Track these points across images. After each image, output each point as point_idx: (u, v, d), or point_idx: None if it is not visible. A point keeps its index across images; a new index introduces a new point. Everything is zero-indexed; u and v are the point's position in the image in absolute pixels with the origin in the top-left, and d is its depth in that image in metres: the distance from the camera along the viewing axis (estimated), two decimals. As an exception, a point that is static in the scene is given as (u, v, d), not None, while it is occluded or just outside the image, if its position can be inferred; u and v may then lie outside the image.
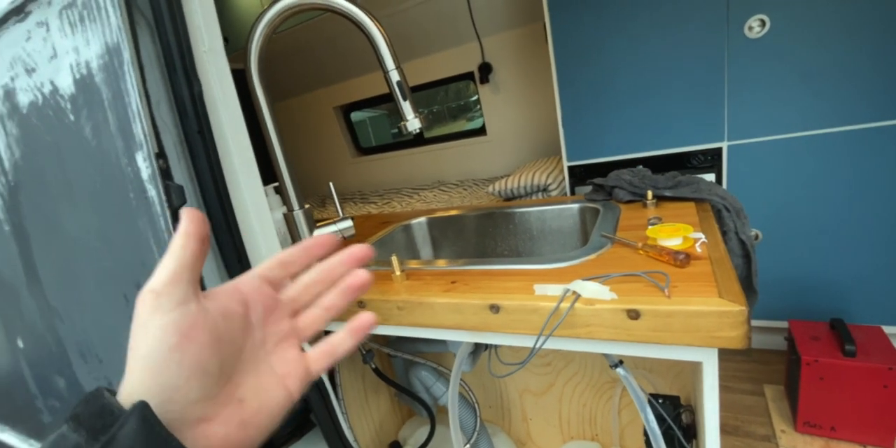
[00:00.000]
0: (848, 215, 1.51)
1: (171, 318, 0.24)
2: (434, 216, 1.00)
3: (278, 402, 0.28)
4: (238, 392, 0.26)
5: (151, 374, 0.23)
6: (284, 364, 0.29)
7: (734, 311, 0.44)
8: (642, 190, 0.80)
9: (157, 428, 0.22)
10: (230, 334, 0.27)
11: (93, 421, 0.22)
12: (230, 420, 0.25)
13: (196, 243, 0.26)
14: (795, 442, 1.44)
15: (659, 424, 0.67)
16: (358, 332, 0.32)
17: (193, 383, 0.24)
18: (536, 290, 0.55)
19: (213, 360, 0.25)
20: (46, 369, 0.69)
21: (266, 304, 0.29)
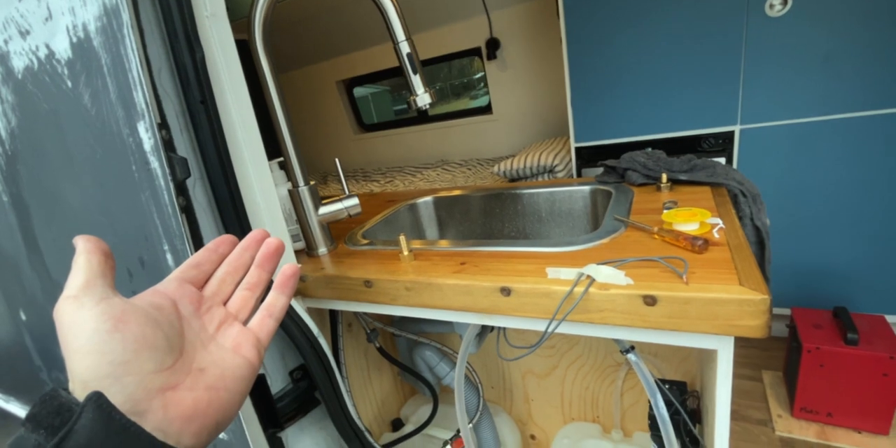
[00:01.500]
0: (857, 203, 1.49)
1: (99, 310, 0.25)
2: (440, 196, 0.98)
3: (239, 367, 0.31)
4: (195, 364, 0.29)
5: (97, 356, 0.24)
6: (231, 339, 0.33)
7: (756, 300, 0.43)
8: (656, 173, 0.78)
9: (114, 414, 0.22)
10: (165, 319, 0.29)
11: (51, 419, 0.22)
12: (195, 385, 0.28)
13: (98, 256, 0.28)
14: (791, 427, 1.46)
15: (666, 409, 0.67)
16: (285, 285, 0.37)
17: (143, 355, 0.26)
18: (549, 274, 0.54)
19: (157, 334, 0.27)
20: (49, 342, 0.68)
21: (191, 299, 0.33)
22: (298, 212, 0.72)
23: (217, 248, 0.36)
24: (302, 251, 0.76)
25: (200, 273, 0.35)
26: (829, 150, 1.44)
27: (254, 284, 0.36)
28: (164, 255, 0.48)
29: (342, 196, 0.75)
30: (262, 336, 0.34)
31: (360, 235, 0.80)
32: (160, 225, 0.47)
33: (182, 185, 0.47)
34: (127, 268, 0.52)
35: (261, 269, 0.37)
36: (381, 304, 0.64)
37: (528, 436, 1.10)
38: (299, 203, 0.71)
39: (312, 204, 0.72)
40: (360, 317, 0.86)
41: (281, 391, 0.69)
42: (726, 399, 0.51)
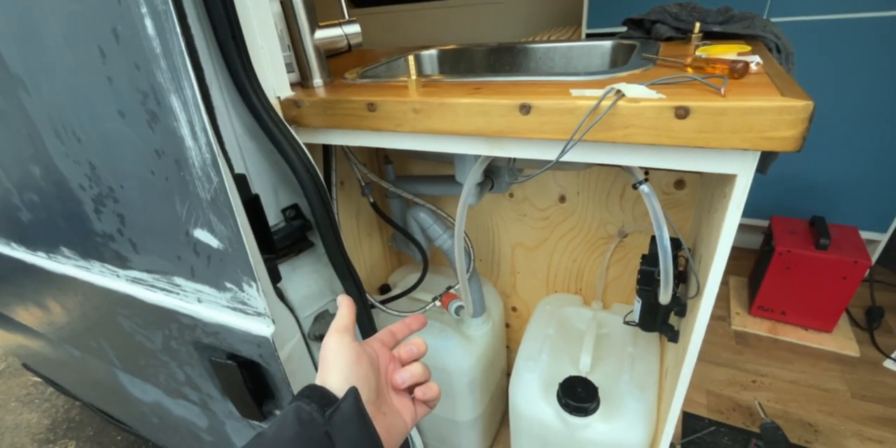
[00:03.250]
0: (854, 116, 1.47)
1: (351, 347, 0.40)
2: (447, 48, 0.89)
3: (401, 425, 0.41)
4: (383, 406, 0.40)
5: (342, 379, 0.37)
6: (399, 401, 0.43)
7: (798, 107, 0.40)
8: (688, 24, 0.71)
9: (362, 406, 0.35)
10: (376, 365, 0.42)
11: (318, 398, 0.35)
12: (381, 422, 0.38)
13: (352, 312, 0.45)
14: (746, 322, 1.58)
15: (653, 265, 0.68)
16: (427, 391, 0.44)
17: (364, 387, 0.37)
18: (573, 93, 0.49)
19: (372, 376, 0.40)
20: (18, 156, 0.63)
21: (385, 358, 0.45)
22: (292, 33, 0.64)
23: (410, 326, 0.49)
24: (296, 84, 0.69)
25: (394, 340, 0.48)
26: (849, 54, 1.37)
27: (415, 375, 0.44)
28: (143, 21, 0.41)
29: (341, 21, 0.66)
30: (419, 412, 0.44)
31: (359, 73, 0.73)
32: (135, -21, 0.39)
33: (159, -72, 0.38)
34: (98, 45, 0.45)
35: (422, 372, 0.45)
36: (385, 132, 0.60)
37: (510, 308, 1.15)
38: (293, 20, 0.63)
39: (308, 23, 0.63)
40: (356, 167, 0.82)
41: (273, 227, 0.67)
42: (731, 232, 0.51)
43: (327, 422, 0.33)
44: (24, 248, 0.79)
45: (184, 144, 0.47)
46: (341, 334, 0.40)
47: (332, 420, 0.33)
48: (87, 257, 0.70)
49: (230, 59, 0.52)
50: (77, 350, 0.98)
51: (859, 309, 1.60)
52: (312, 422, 0.33)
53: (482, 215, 1.02)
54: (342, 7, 0.66)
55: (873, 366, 1.40)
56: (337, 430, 0.33)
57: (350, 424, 0.33)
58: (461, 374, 0.94)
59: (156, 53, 0.42)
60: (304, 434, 0.32)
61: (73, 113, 0.52)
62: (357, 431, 0.33)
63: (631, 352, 0.87)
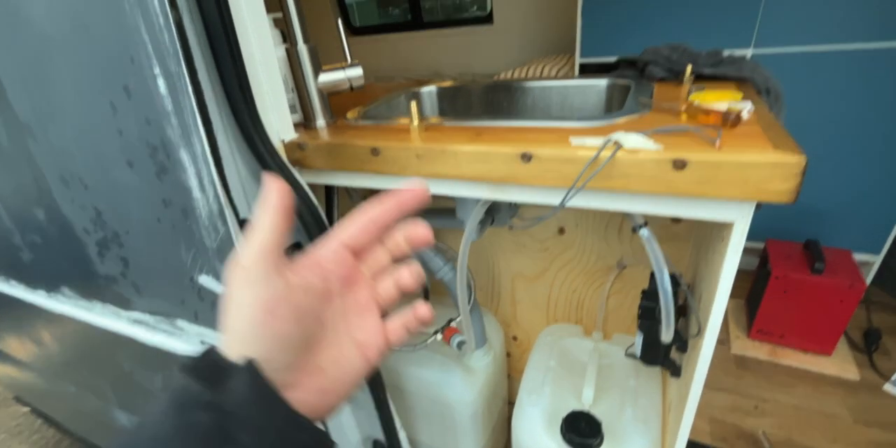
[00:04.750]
0: (845, 142, 1.50)
1: (259, 293, 0.25)
2: (445, 85, 0.91)
3: (356, 371, 0.29)
4: (319, 361, 0.28)
5: (242, 346, 0.25)
6: (364, 333, 0.30)
7: (791, 162, 0.41)
8: (680, 66, 0.74)
9: (264, 382, 0.25)
10: (312, 308, 0.27)
11: (208, 373, 0.24)
12: (310, 387, 0.27)
13: (283, 217, 0.26)
14: (746, 346, 1.57)
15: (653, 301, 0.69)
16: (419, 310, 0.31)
17: (278, 354, 0.26)
18: (573, 142, 0.51)
19: (296, 333, 0.26)
20: (22, 199, 0.63)
21: (345, 275, 0.29)
22: (296, 76, 0.66)
23: (401, 206, 0.29)
24: (299, 124, 0.71)
25: (367, 239, 0.30)
26: (834, 83, 1.41)
27: (413, 273, 0.30)
28: (155, 81, 0.42)
29: (344, 64, 0.68)
30: (392, 342, 0.31)
31: (361, 114, 0.75)
32: (149, 41, 0.41)
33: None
34: (110, 100, 0.46)
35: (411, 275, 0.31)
36: (388, 176, 0.61)
37: (511, 337, 1.14)
38: (297, 65, 0.65)
39: (312, 67, 0.65)
40: (358, 204, 0.83)
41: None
42: (730, 277, 0.52)
43: (215, 408, 0.24)
44: (24, 285, 0.79)
45: (191, 195, 0.47)
46: (250, 269, 0.26)
47: (220, 405, 0.24)
48: (89, 297, 0.69)
49: (237, 107, 0.53)
50: (73, 386, 0.97)
51: (857, 331, 1.60)
52: (196, 407, 0.24)
53: (482, 246, 1.03)
54: (345, 52, 0.67)
55: (874, 389, 1.40)
56: (230, 418, 0.24)
57: (249, 408, 0.24)
58: (464, 407, 0.93)
59: (167, 111, 0.43)
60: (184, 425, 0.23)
61: (81, 161, 0.53)
62: (259, 417, 0.24)
63: (633, 384, 0.87)
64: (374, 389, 0.74)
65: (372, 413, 0.78)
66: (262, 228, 0.26)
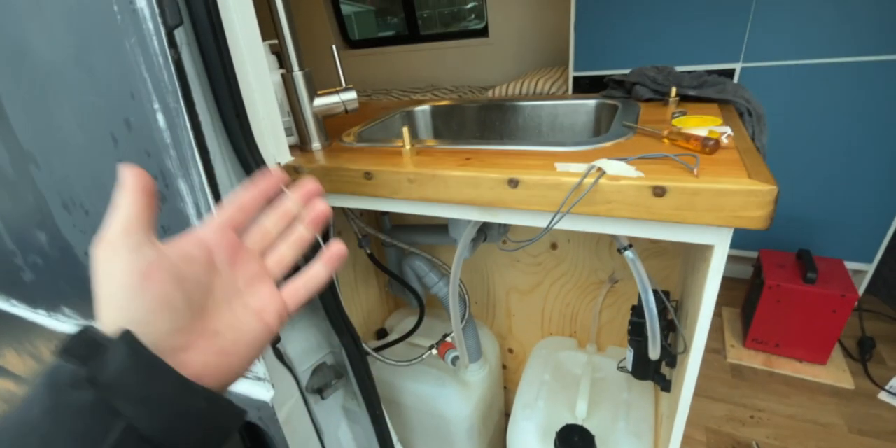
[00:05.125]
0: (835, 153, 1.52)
1: (129, 261, 0.25)
2: (439, 104, 0.93)
3: (256, 334, 0.30)
4: (212, 325, 0.28)
5: (119, 312, 0.25)
6: (258, 300, 0.31)
7: (763, 191, 0.43)
8: (665, 87, 0.76)
9: (142, 350, 0.24)
10: (194, 275, 0.28)
11: (83, 351, 0.23)
12: (207, 349, 0.27)
13: (140, 195, 0.27)
14: (741, 355, 1.58)
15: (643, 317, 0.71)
16: (330, 261, 0.34)
17: (160, 316, 0.26)
18: (558, 168, 0.53)
19: (177, 295, 0.26)
20: (24, 223, 0.65)
21: (229, 249, 0.31)
22: (292, 101, 0.68)
23: (263, 188, 0.33)
24: (295, 146, 0.72)
25: (244, 216, 0.32)
26: (822, 96, 1.44)
27: (296, 242, 0.34)
28: (155, 115, 0.44)
29: (339, 88, 0.70)
30: (291, 305, 0.32)
31: (356, 135, 0.77)
32: (149, 79, 0.43)
33: (172, 35, 0.42)
34: (111, 132, 0.48)
35: (307, 229, 0.34)
36: (381, 199, 0.62)
37: (507, 349, 1.15)
38: (293, 90, 0.67)
39: (307, 92, 0.67)
40: (353, 222, 0.84)
41: (272, 285, 0.69)
42: (712, 298, 0.53)
43: (92, 384, 0.22)
44: (26, 304, 0.80)
45: (189, 223, 0.49)
46: (114, 242, 0.25)
47: (98, 380, 0.22)
48: (88, 318, 0.71)
49: (233, 133, 0.55)
50: (72, 402, 0.97)
51: (851, 340, 1.61)
52: (73, 386, 0.22)
53: (476, 261, 1.05)
54: (339, 76, 0.69)
55: (868, 398, 1.40)
56: (112, 392, 0.22)
57: (130, 379, 0.23)
58: (460, 421, 0.94)
59: (166, 143, 0.45)
60: (60, 406, 0.22)
61: (82, 188, 0.55)
62: (143, 385, 0.23)
63: (626, 398, 0.88)
64: (371, 404, 0.75)
65: (368, 428, 0.79)
66: (121, 206, 0.26)
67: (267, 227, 0.33)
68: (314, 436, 0.76)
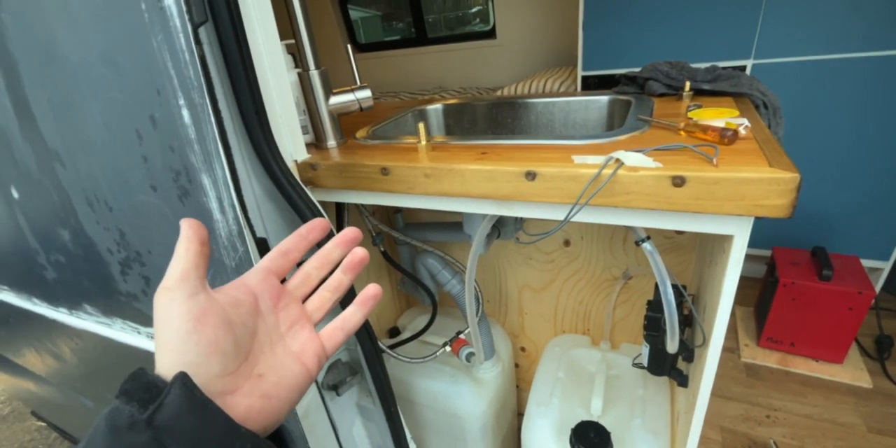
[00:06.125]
0: (850, 149, 1.51)
1: (185, 307, 0.27)
2: (450, 103, 0.94)
3: (296, 376, 0.31)
4: (256, 368, 0.30)
5: (175, 356, 0.26)
6: (298, 343, 0.33)
7: (785, 178, 0.43)
8: (679, 82, 0.76)
9: (197, 393, 0.25)
10: (241, 319, 0.30)
11: (141, 393, 0.25)
12: (252, 392, 0.29)
13: (197, 245, 0.29)
14: (756, 354, 1.57)
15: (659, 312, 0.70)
16: (365, 304, 0.36)
17: (212, 360, 0.27)
18: (575, 160, 0.53)
19: (227, 339, 0.28)
20: (47, 221, 0.66)
21: (272, 294, 0.33)
22: (308, 99, 0.69)
23: (308, 235, 0.35)
24: (311, 144, 0.73)
25: (287, 262, 0.34)
26: (835, 92, 1.43)
27: (335, 288, 0.36)
28: (180, 111, 0.45)
29: (354, 87, 0.71)
30: (329, 347, 0.34)
31: (370, 133, 0.78)
32: (175, 76, 0.43)
33: (198, 32, 0.43)
34: (136, 128, 0.49)
35: (345, 274, 0.36)
36: (398, 194, 0.63)
37: (519, 348, 1.15)
38: (309, 89, 0.68)
39: (323, 90, 0.68)
40: (367, 219, 0.85)
41: (289, 281, 0.69)
42: (732, 289, 0.53)
43: (149, 425, 0.24)
44: (47, 303, 0.82)
45: (212, 217, 0.50)
46: (173, 289, 0.28)
47: (154, 422, 0.24)
48: (110, 314, 0.72)
49: (252, 130, 0.56)
50: (90, 400, 0.99)
51: (868, 338, 1.59)
52: (131, 428, 0.24)
53: (489, 258, 1.05)
54: (354, 75, 0.70)
55: (887, 397, 1.38)
56: (166, 434, 0.24)
57: (183, 421, 0.25)
58: (473, 419, 0.94)
59: (190, 138, 0.46)
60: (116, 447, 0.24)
61: (107, 185, 0.56)
62: (195, 428, 0.25)
63: (641, 394, 0.87)
64: (385, 402, 0.75)
65: (383, 425, 0.79)
66: (179, 256, 0.29)
67: (308, 272, 0.35)
68: (331, 432, 0.76)
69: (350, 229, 0.37)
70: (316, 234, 0.36)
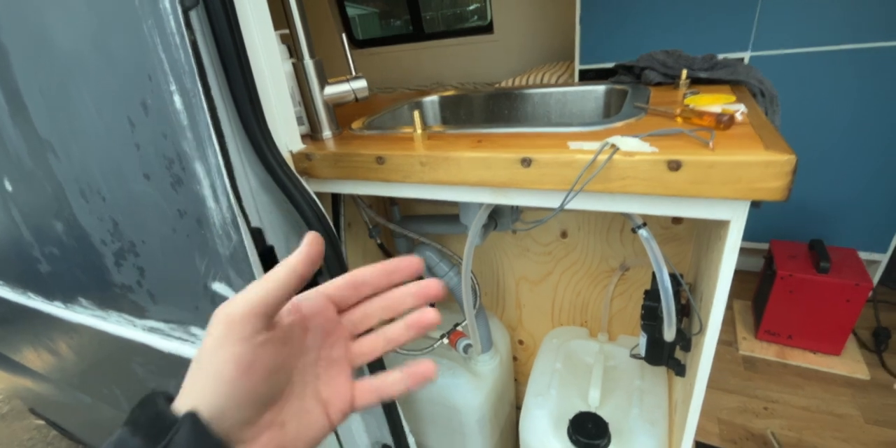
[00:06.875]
0: (848, 141, 1.51)
1: (238, 351, 0.24)
2: (447, 94, 0.94)
3: (317, 430, 0.28)
4: (280, 416, 0.27)
5: (203, 397, 0.24)
6: (331, 390, 0.29)
7: (781, 161, 0.43)
8: (675, 71, 0.76)
9: (209, 435, 0.23)
10: (286, 363, 0.27)
11: (149, 426, 0.23)
12: (268, 444, 0.26)
13: (298, 275, 0.25)
14: (754, 347, 1.57)
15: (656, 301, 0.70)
16: (413, 378, 0.30)
17: (241, 412, 0.24)
18: (571, 146, 0.53)
19: (265, 392, 0.25)
20: (41, 213, 0.65)
21: (325, 329, 0.29)
22: (303, 90, 0.68)
23: (392, 275, 0.30)
24: (306, 135, 0.73)
25: (356, 296, 0.30)
26: (833, 84, 1.43)
27: (392, 340, 0.31)
28: (172, 97, 0.45)
29: (349, 77, 0.70)
30: (357, 407, 0.29)
31: (366, 124, 0.77)
32: (166, 60, 0.43)
33: (188, 15, 0.42)
34: (128, 116, 0.48)
35: (407, 329, 0.30)
36: (393, 183, 0.62)
37: (517, 341, 1.15)
38: (304, 79, 0.67)
39: (318, 80, 0.68)
40: (363, 211, 0.85)
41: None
42: (728, 274, 0.53)
43: None
44: (42, 297, 0.81)
45: (206, 205, 0.49)
46: (235, 322, 0.24)
47: None
48: (105, 307, 0.71)
49: (247, 120, 0.55)
50: (88, 396, 0.98)
51: (866, 330, 1.59)
52: None
53: (486, 251, 1.04)
54: (349, 65, 0.70)
55: (884, 389, 1.39)
56: None
57: None
58: (471, 411, 0.94)
59: (183, 125, 0.45)
60: None
61: (100, 175, 0.55)
62: None
63: (639, 385, 0.87)
64: (384, 393, 0.75)
65: (381, 418, 0.79)
66: (269, 279, 0.24)
67: (370, 314, 0.30)
68: (329, 424, 0.76)
69: (433, 282, 0.30)
70: (401, 276, 0.30)
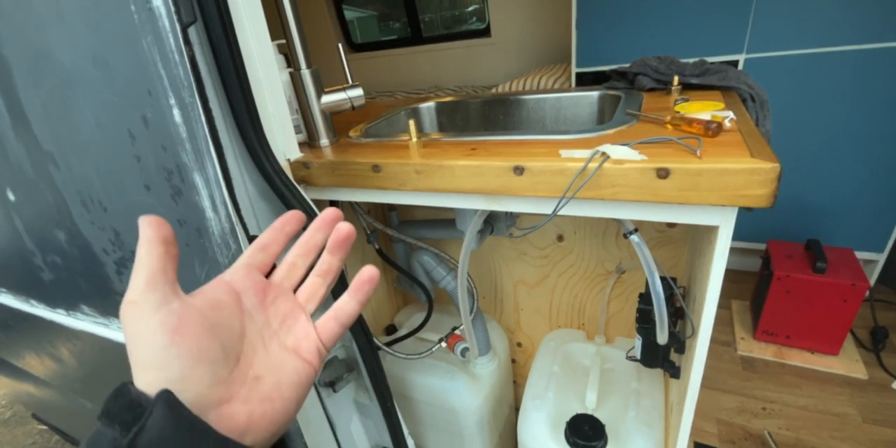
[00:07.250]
0: (843, 142, 1.52)
1: (157, 319, 0.24)
2: (443, 100, 0.95)
3: (297, 373, 0.29)
4: (251, 371, 0.28)
5: (155, 373, 0.24)
6: (293, 337, 0.31)
7: (766, 169, 0.44)
8: (667, 77, 0.77)
9: (183, 411, 0.23)
10: (224, 321, 0.28)
11: (123, 415, 0.23)
12: (250, 397, 0.26)
13: (160, 247, 0.26)
14: (752, 347, 1.58)
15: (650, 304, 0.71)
16: (360, 290, 0.32)
17: (199, 371, 0.25)
18: (562, 154, 0.54)
19: (212, 346, 0.26)
20: (43, 222, 0.66)
21: (256, 290, 0.31)
22: (300, 98, 0.69)
23: (284, 228, 0.33)
24: (304, 143, 0.74)
25: (268, 256, 0.32)
26: (828, 85, 1.44)
27: (325, 271, 0.33)
28: (171, 111, 0.46)
29: (345, 85, 0.71)
30: (326, 340, 0.31)
31: (362, 131, 0.78)
32: (165, 75, 0.44)
33: (187, 32, 0.43)
34: (128, 129, 0.49)
35: (332, 255, 0.33)
36: (389, 191, 0.63)
37: (515, 343, 1.16)
38: (301, 88, 0.68)
39: (315, 89, 0.69)
40: (361, 217, 0.86)
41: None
42: (718, 279, 0.54)
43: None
44: (44, 305, 0.82)
45: (205, 215, 0.51)
46: (139, 301, 0.25)
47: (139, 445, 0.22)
48: (107, 315, 0.72)
49: (244, 129, 0.56)
50: (89, 402, 0.99)
51: (863, 330, 1.60)
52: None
53: (483, 254, 1.05)
54: (346, 73, 0.71)
55: (882, 388, 1.39)
56: None
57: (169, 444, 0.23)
58: (470, 414, 0.94)
59: (182, 138, 0.47)
60: None
61: (101, 186, 0.56)
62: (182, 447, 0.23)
63: (636, 387, 0.88)
64: (382, 398, 0.76)
65: (380, 421, 0.80)
66: (141, 262, 0.25)
67: (293, 262, 0.33)
68: (327, 428, 0.77)
69: (329, 209, 0.34)
70: (292, 226, 0.33)
